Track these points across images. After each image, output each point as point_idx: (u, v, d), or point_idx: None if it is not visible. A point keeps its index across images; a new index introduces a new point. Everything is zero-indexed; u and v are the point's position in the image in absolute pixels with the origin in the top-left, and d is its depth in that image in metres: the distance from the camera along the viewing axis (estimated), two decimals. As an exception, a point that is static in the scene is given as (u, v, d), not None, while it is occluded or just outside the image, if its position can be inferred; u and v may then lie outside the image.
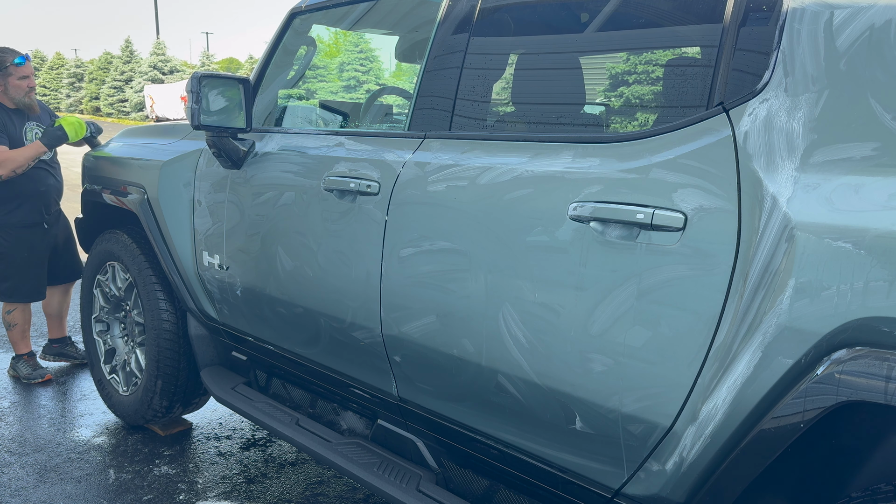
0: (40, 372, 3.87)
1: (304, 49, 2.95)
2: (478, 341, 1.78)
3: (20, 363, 3.88)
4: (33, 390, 3.75)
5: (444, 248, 1.84)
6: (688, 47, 1.99)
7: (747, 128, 1.39)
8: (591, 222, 1.54)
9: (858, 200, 1.22)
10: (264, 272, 2.45)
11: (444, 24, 2.07)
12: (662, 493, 1.51)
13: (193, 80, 2.38)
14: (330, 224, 2.18)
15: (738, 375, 1.34)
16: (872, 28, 1.29)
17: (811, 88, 1.34)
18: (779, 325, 1.28)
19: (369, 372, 2.18)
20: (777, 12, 1.42)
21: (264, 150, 2.53)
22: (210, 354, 2.98)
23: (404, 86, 4.09)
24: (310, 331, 2.34)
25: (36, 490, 2.75)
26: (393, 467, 2.13)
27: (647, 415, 1.49)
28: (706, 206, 1.40)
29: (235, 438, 3.25)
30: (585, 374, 1.57)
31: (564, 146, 1.69)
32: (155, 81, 32.94)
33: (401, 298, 1.96)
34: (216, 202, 2.67)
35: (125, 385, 3.30)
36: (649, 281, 1.46)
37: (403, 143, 2.08)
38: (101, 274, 3.37)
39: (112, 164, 3.28)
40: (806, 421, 1.23)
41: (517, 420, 1.77)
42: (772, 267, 1.29)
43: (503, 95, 2.31)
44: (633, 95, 10.34)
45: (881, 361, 1.15)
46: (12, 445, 3.12)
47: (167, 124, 3.28)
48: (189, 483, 2.84)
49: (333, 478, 2.90)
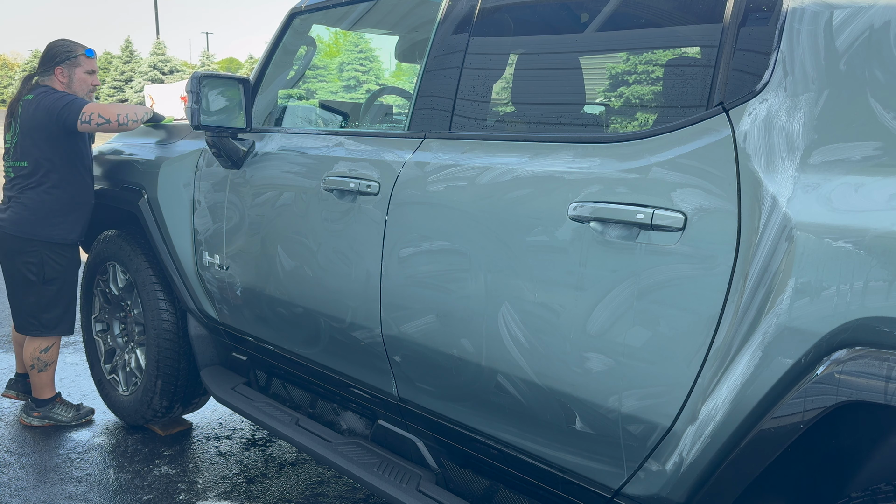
0: (85, 410, 3.36)
1: (304, 49, 2.96)
2: (478, 341, 1.78)
3: (55, 409, 3.29)
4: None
5: (444, 248, 1.84)
6: (688, 47, 1.99)
7: (747, 128, 1.39)
8: (591, 222, 1.54)
9: (858, 200, 1.22)
10: (264, 272, 2.45)
11: (444, 24, 2.07)
12: (662, 493, 1.51)
13: (193, 80, 2.39)
14: (330, 224, 2.18)
15: (737, 375, 1.34)
16: (872, 28, 1.29)
17: (811, 88, 1.34)
18: (779, 325, 1.28)
19: (369, 372, 2.18)
20: (777, 12, 1.42)
21: (264, 150, 2.53)
22: (210, 354, 2.98)
23: (404, 86, 4.09)
24: (310, 331, 2.34)
25: (36, 490, 2.75)
26: (393, 467, 2.13)
27: (647, 415, 1.49)
28: (706, 207, 1.40)
29: (235, 438, 3.25)
30: (585, 374, 1.57)
31: (564, 146, 1.69)
32: (155, 81, 32.96)
33: (401, 298, 1.96)
34: (216, 202, 2.67)
35: (125, 385, 3.30)
36: (649, 281, 1.46)
37: (403, 143, 2.08)
38: (101, 274, 3.37)
39: (112, 164, 3.28)
40: (806, 421, 1.23)
41: (517, 420, 1.77)
42: (772, 267, 1.29)
43: (503, 95, 2.32)
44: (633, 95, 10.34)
45: (881, 361, 1.15)
46: (12, 445, 3.12)
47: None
48: (189, 483, 2.84)
49: (333, 478, 2.90)
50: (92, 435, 3.24)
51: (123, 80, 35.05)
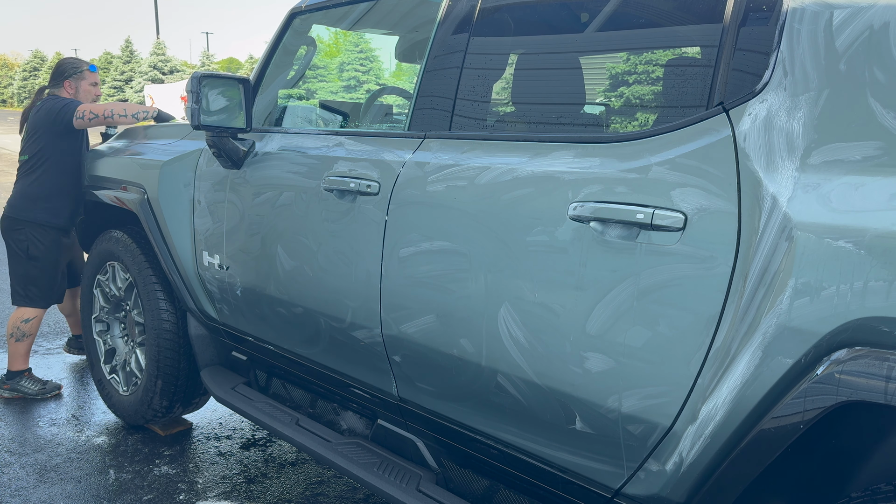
0: (52, 385, 3.69)
1: (304, 49, 2.96)
2: (478, 341, 1.78)
3: (23, 381, 3.64)
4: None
5: (444, 248, 1.84)
6: (688, 47, 1.99)
7: (747, 128, 1.39)
8: (591, 222, 1.54)
9: (858, 200, 1.22)
10: (264, 272, 2.45)
11: (444, 24, 2.07)
12: (662, 493, 1.51)
13: (193, 80, 2.39)
14: (330, 224, 2.18)
15: (737, 375, 1.34)
16: (872, 28, 1.29)
17: (811, 88, 1.34)
18: (779, 325, 1.28)
19: (369, 372, 2.18)
20: (777, 12, 1.42)
21: (264, 150, 2.53)
22: (210, 354, 2.98)
23: (404, 86, 4.09)
24: (310, 331, 2.34)
25: (36, 490, 2.75)
26: (393, 467, 2.13)
27: (647, 415, 1.49)
28: (706, 207, 1.40)
29: (235, 438, 3.25)
30: (585, 374, 1.57)
31: (564, 146, 1.69)
32: (155, 81, 32.95)
33: (401, 298, 1.96)
34: (216, 202, 2.67)
35: (125, 385, 3.30)
36: (649, 281, 1.46)
37: (403, 143, 2.08)
38: (101, 274, 3.38)
39: (112, 164, 3.29)
40: (806, 421, 1.23)
41: (517, 420, 1.77)
42: (772, 267, 1.29)
43: (503, 95, 2.32)
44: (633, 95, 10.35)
45: (881, 361, 1.15)
46: (12, 445, 3.12)
47: (167, 124, 3.28)
48: (189, 483, 2.84)
49: (333, 478, 2.90)
50: (92, 435, 3.25)
51: (123, 80, 35.04)
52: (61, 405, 3.58)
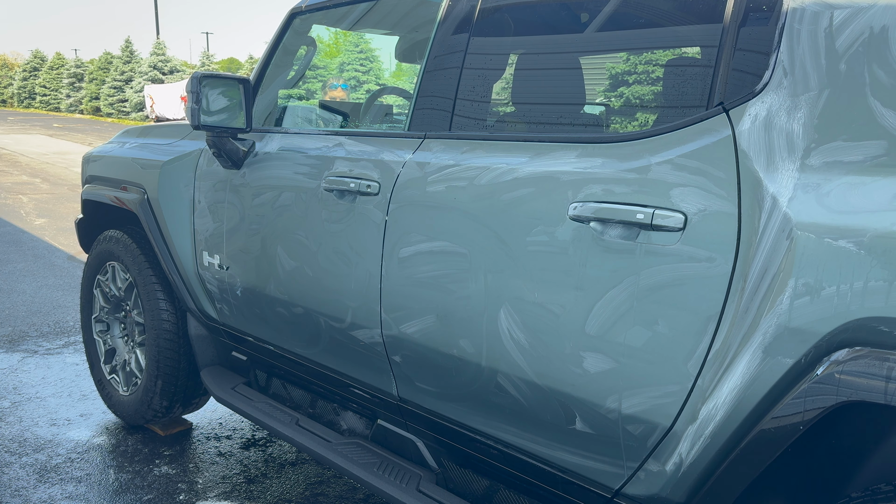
0: None
1: (304, 49, 2.96)
2: (478, 341, 1.78)
3: None
4: (33, 390, 3.75)
5: (444, 248, 1.84)
6: (688, 47, 1.99)
7: (747, 128, 1.39)
8: (592, 222, 1.54)
9: (858, 200, 1.22)
10: (264, 272, 2.45)
11: (444, 24, 2.07)
12: (662, 493, 1.51)
13: (193, 80, 2.39)
14: (330, 224, 2.18)
15: (738, 376, 1.34)
16: (872, 28, 1.29)
17: (811, 89, 1.34)
18: (779, 325, 1.28)
19: (369, 372, 2.18)
20: (777, 12, 1.42)
21: (264, 150, 2.53)
22: (210, 354, 2.98)
23: (404, 86, 4.09)
24: (310, 331, 2.34)
25: (36, 490, 2.75)
26: (393, 467, 2.13)
27: (647, 415, 1.49)
28: (706, 207, 1.40)
29: (235, 438, 3.25)
30: (585, 374, 1.57)
31: (564, 146, 1.69)
32: (155, 81, 32.93)
33: (401, 298, 1.96)
34: (216, 202, 2.67)
35: (125, 385, 3.30)
36: (649, 281, 1.46)
37: (403, 143, 2.08)
38: (101, 274, 3.37)
39: (112, 164, 3.28)
40: (806, 421, 1.24)
41: (517, 420, 1.77)
42: (772, 267, 1.29)
43: (503, 95, 2.32)
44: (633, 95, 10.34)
45: (881, 361, 1.15)
46: (12, 445, 3.12)
47: (167, 124, 3.28)
48: (189, 483, 2.84)
49: (333, 478, 2.90)
50: (92, 435, 3.25)
51: (123, 80, 35.00)
52: (61, 405, 3.58)
